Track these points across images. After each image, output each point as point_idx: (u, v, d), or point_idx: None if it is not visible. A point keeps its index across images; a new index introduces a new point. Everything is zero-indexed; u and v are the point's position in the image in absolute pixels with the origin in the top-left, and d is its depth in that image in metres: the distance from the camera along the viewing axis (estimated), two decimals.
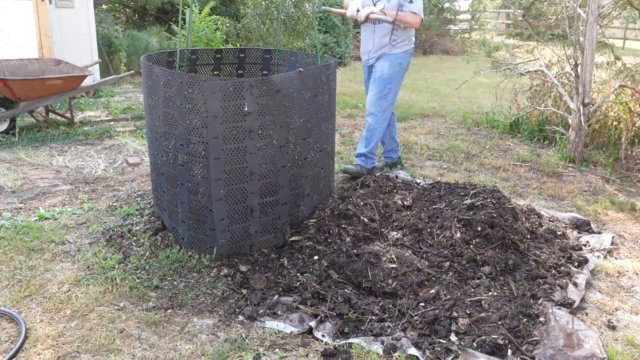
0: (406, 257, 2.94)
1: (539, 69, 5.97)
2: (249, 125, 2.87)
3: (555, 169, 5.03)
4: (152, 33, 9.67)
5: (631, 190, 4.62)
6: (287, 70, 4.00)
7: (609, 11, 5.65)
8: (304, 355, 2.35)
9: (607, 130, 5.52)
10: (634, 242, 3.60)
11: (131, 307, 2.64)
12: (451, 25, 17.29)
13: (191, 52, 3.91)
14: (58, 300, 2.66)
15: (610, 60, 6.26)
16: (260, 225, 3.07)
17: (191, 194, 2.99)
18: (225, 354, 2.31)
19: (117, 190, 4.14)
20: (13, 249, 3.12)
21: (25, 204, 3.79)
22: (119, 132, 5.70)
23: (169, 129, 3.00)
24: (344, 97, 8.14)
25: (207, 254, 3.04)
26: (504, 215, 3.31)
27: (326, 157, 3.55)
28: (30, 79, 5.19)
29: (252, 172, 2.95)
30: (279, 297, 2.70)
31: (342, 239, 3.13)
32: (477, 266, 2.99)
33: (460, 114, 7.19)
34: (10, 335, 2.39)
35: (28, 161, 4.68)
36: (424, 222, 3.37)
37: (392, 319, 2.56)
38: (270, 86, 2.91)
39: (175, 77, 2.87)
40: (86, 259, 3.06)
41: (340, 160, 5.03)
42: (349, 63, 12.36)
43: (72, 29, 7.11)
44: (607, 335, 2.58)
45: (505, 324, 2.49)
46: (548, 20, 6.46)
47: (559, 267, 3.08)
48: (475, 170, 4.96)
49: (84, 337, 2.40)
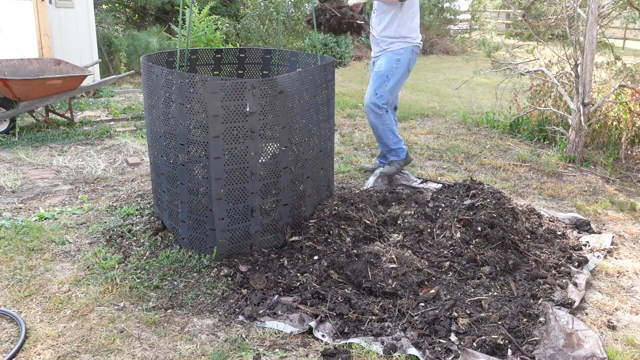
0: (406, 257, 2.94)
1: (539, 69, 5.96)
2: (251, 125, 2.87)
3: (555, 169, 5.03)
4: (152, 33, 9.67)
5: (631, 190, 4.62)
6: (288, 70, 3.99)
7: (609, 11, 5.65)
8: (304, 355, 2.35)
9: (607, 130, 5.52)
10: (634, 242, 3.60)
11: (131, 307, 2.63)
12: (451, 25, 17.29)
13: (191, 52, 3.91)
14: (58, 300, 2.66)
15: (610, 60, 6.25)
16: (260, 225, 3.07)
17: (191, 194, 2.99)
18: (225, 354, 2.31)
19: (117, 190, 4.14)
20: (13, 249, 3.12)
21: (25, 204, 3.79)
22: (119, 132, 5.70)
23: (169, 128, 3.00)
24: (344, 97, 8.14)
25: (207, 254, 3.04)
26: (504, 215, 3.31)
27: (326, 158, 3.55)
28: (30, 79, 5.19)
29: (252, 173, 2.94)
30: (279, 297, 2.70)
31: (342, 239, 3.13)
32: (477, 266, 2.99)
33: (460, 114, 7.19)
34: (10, 335, 2.39)
35: (28, 161, 4.68)
36: (424, 223, 3.37)
37: (392, 319, 2.56)
38: (273, 87, 2.91)
39: (176, 77, 2.87)
40: (86, 259, 3.06)
41: (340, 161, 5.03)
42: (349, 63, 12.36)
43: (72, 29, 7.12)
44: (607, 335, 2.58)
45: (505, 324, 2.49)
46: (548, 20, 6.45)
47: (559, 267, 3.08)
48: (475, 170, 4.96)
49: (84, 337, 2.39)
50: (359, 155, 5.27)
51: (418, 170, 4.90)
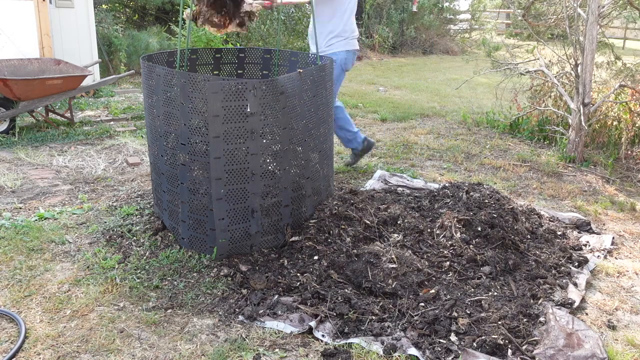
0: (406, 257, 2.94)
1: (539, 69, 5.96)
2: (251, 125, 2.87)
3: (555, 169, 5.03)
4: (152, 33, 9.67)
5: (631, 190, 4.62)
6: (288, 70, 3.99)
7: (609, 11, 5.65)
8: (304, 355, 2.35)
9: (607, 130, 5.52)
10: (634, 242, 3.60)
11: (131, 307, 2.63)
12: (451, 25, 17.30)
13: (191, 52, 3.91)
14: (58, 300, 2.66)
15: (610, 60, 6.25)
16: (260, 225, 3.07)
17: (192, 194, 2.99)
18: (225, 354, 2.31)
19: (117, 190, 4.13)
20: (13, 249, 3.12)
21: (25, 204, 3.79)
22: (119, 132, 5.70)
23: (169, 128, 3.00)
24: (344, 97, 8.14)
25: (207, 254, 3.04)
26: (504, 215, 3.31)
27: (325, 158, 3.55)
28: (30, 78, 5.19)
29: (253, 173, 2.94)
30: (279, 297, 2.70)
31: (342, 239, 3.13)
32: (477, 266, 2.99)
33: (460, 114, 7.19)
34: (10, 335, 2.39)
35: (28, 161, 4.68)
36: (424, 223, 3.37)
37: (392, 319, 2.56)
38: (274, 88, 2.90)
39: (176, 77, 2.87)
40: (86, 259, 3.06)
41: (340, 161, 5.03)
42: None
43: (72, 28, 7.12)
44: (607, 335, 2.58)
45: (505, 324, 2.49)
46: (548, 20, 6.45)
47: (559, 267, 3.08)
48: (475, 170, 4.96)
49: (84, 337, 2.39)
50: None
51: (418, 170, 4.90)
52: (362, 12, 14.22)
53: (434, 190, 3.97)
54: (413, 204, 3.78)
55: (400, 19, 14.91)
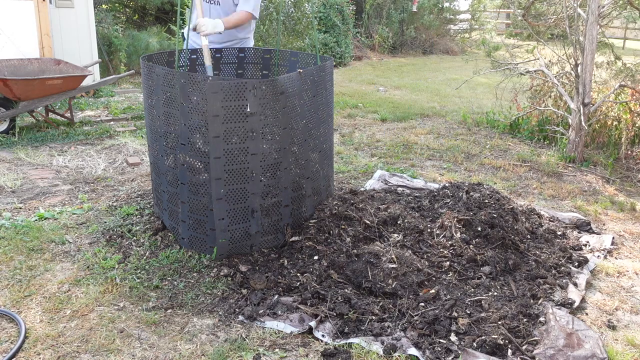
0: (406, 257, 2.94)
1: (539, 69, 5.96)
2: (251, 125, 2.87)
3: (555, 169, 5.03)
4: (152, 33, 9.67)
5: (631, 190, 4.62)
6: (288, 70, 3.99)
7: (609, 11, 5.65)
8: (304, 355, 2.35)
9: (607, 130, 5.51)
10: (634, 242, 3.60)
11: (131, 307, 2.63)
12: (451, 25, 17.29)
13: (191, 52, 3.91)
14: (58, 300, 2.66)
15: (610, 60, 6.25)
16: (260, 225, 3.07)
17: (192, 194, 2.99)
18: (225, 354, 2.31)
19: (117, 190, 4.13)
20: (13, 249, 3.12)
21: (25, 204, 3.79)
22: (119, 132, 5.70)
23: (169, 128, 3.00)
24: (344, 97, 8.15)
25: (207, 254, 3.04)
26: (504, 215, 3.31)
27: (325, 158, 3.55)
28: (30, 78, 5.19)
29: (253, 173, 2.94)
30: (279, 297, 2.70)
31: (342, 239, 3.13)
32: (477, 266, 2.99)
33: (460, 114, 7.19)
34: (10, 335, 2.38)
35: (28, 161, 4.67)
36: (424, 223, 3.37)
37: (392, 319, 2.56)
38: (274, 88, 2.90)
39: (176, 77, 2.87)
40: (86, 259, 3.06)
41: (340, 161, 5.03)
42: (349, 63, 12.36)
43: (72, 28, 7.11)
44: (607, 335, 2.58)
45: (505, 324, 2.49)
46: (548, 20, 6.45)
47: (559, 267, 3.08)
48: (475, 170, 4.96)
49: (84, 337, 2.39)
50: (359, 155, 5.27)
51: (418, 170, 4.90)
52: (362, 12, 14.23)
53: (434, 190, 3.97)
54: (413, 204, 3.78)
55: (400, 19, 14.91)
